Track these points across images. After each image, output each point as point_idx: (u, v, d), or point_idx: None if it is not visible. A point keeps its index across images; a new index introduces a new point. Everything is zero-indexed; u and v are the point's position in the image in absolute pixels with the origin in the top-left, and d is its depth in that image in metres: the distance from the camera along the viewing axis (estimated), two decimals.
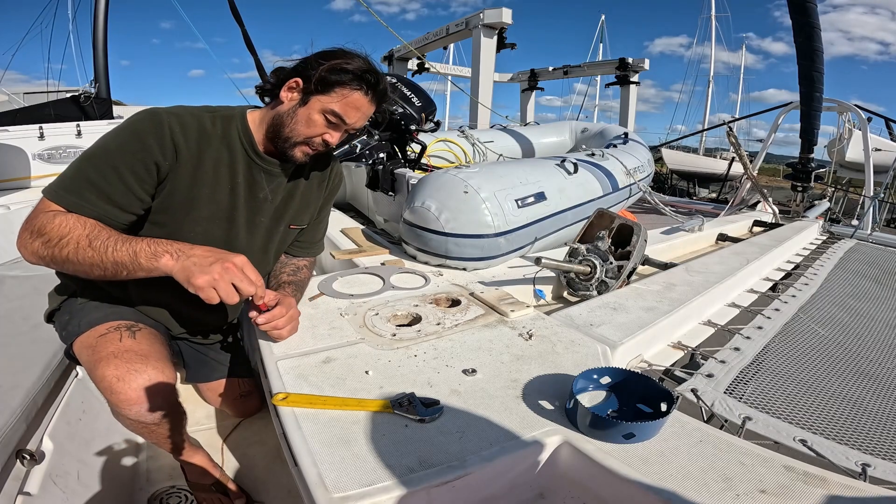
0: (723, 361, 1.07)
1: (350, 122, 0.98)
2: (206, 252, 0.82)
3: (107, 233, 0.83)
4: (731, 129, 2.61)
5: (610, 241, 1.47)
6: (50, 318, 1.09)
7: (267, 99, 1.03)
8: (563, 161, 2.03)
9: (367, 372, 0.86)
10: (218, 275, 0.79)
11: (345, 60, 0.94)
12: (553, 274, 1.50)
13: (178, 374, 1.27)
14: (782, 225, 2.63)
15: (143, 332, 0.98)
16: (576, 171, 2.02)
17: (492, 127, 4.39)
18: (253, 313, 0.90)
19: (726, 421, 0.86)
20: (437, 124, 2.61)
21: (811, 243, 2.46)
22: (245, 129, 1.01)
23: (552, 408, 0.78)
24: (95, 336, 0.94)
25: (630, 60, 6.65)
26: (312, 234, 1.24)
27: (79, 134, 3.09)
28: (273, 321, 0.91)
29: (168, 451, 1.07)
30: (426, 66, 7.45)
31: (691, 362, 1.12)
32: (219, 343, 1.26)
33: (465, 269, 1.50)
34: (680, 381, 1.00)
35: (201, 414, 1.43)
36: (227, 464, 1.29)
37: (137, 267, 0.81)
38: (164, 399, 0.92)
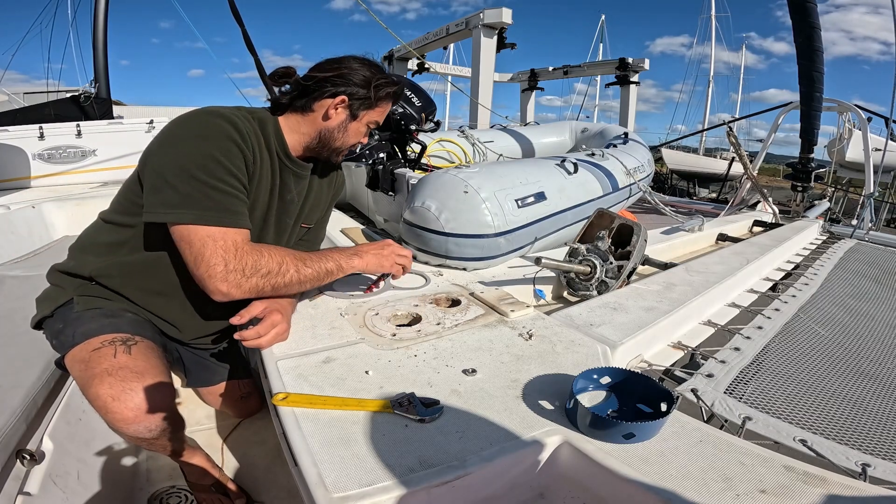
0: (723, 361, 1.07)
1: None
2: (372, 247, 1.12)
3: (302, 255, 0.98)
4: (731, 129, 2.61)
5: (610, 241, 1.47)
6: (39, 324, 1.04)
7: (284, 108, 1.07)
8: (563, 161, 2.03)
9: (367, 372, 0.86)
10: (395, 258, 1.13)
11: (385, 79, 1.07)
12: (553, 274, 1.50)
13: (180, 379, 1.27)
14: (782, 225, 2.63)
15: (140, 347, 0.94)
16: (576, 171, 2.02)
17: (492, 127, 4.39)
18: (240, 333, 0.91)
19: (726, 421, 0.86)
20: (437, 124, 2.61)
21: (811, 243, 2.46)
22: (278, 133, 1.05)
23: (552, 408, 0.78)
24: (89, 350, 0.90)
25: (630, 60, 6.64)
26: (316, 234, 1.28)
27: (79, 134, 3.09)
28: (258, 337, 0.91)
29: (167, 456, 1.06)
30: (426, 66, 7.45)
31: (691, 362, 1.12)
32: (218, 346, 1.25)
33: (465, 269, 1.50)
34: (680, 381, 1.00)
35: (201, 414, 1.43)
36: (227, 464, 1.29)
37: (341, 272, 1.04)
38: (161, 415, 0.89)
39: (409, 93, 2.40)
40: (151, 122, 3.18)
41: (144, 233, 0.98)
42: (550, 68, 7.55)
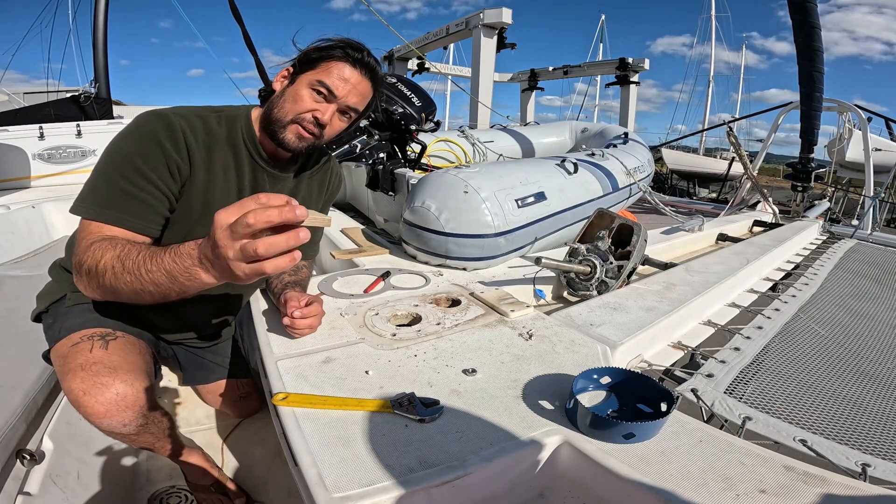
0: (723, 361, 1.07)
1: (340, 95, 0.95)
2: (215, 252, 0.62)
3: (136, 250, 0.74)
4: (731, 128, 2.61)
5: (610, 241, 1.47)
6: (38, 318, 1.07)
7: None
8: (563, 161, 2.03)
9: (367, 372, 0.86)
10: (250, 270, 0.60)
11: (327, 39, 0.96)
12: (553, 274, 1.50)
13: (177, 377, 1.27)
14: (782, 225, 2.63)
15: (118, 342, 0.93)
16: (576, 171, 2.02)
17: (492, 127, 4.39)
18: (287, 317, 0.94)
19: (726, 421, 0.86)
20: (437, 124, 2.61)
21: (811, 243, 2.46)
22: (249, 131, 1.00)
23: (552, 408, 0.78)
24: (69, 345, 0.91)
25: (630, 60, 6.65)
26: (312, 238, 1.25)
27: (79, 134, 3.09)
28: (308, 318, 0.94)
29: (162, 455, 1.06)
30: (426, 66, 7.45)
31: (691, 362, 1.12)
32: (215, 345, 1.25)
33: (465, 269, 1.50)
34: (680, 381, 1.00)
35: (201, 414, 1.43)
36: (227, 464, 1.29)
37: (181, 287, 0.69)
38: (135, 412, 0.87)
39: (409, 93, 2.41)
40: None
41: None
42: (550, 68, 7.56)
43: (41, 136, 2.97)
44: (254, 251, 0.57)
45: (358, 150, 2.40)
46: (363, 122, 2.44)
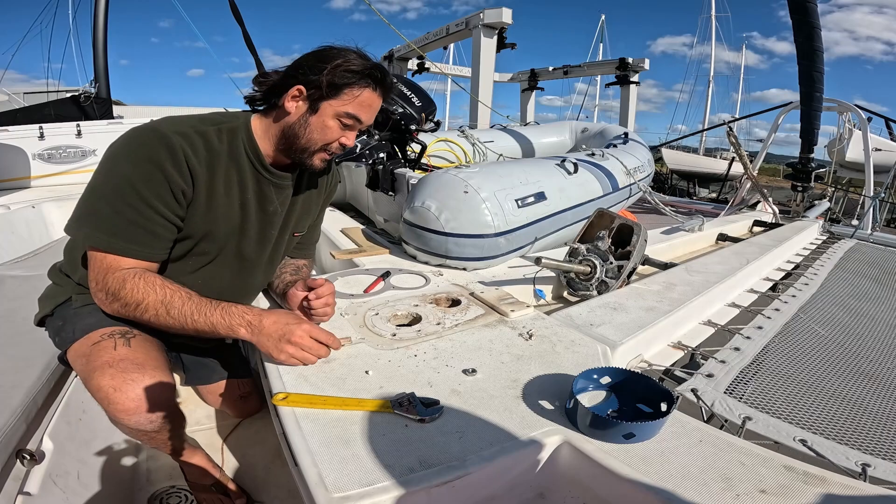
0: (723, 361, 1.07)
1: (365, 121, 0.98)
2: (275, 326, 0.87)
3: (179, 299, 0.88)
4: (731, 128, 2.61)
5: (610, 241, 1.47)
6: (41, 322, 1.06)
7: (260, 106, 1.00)
8: (564, 161, 2.03)
9: (367, 372, 0.86)
10: (293, 351, 0.87)
11: (345, 60, 0.92)
12: (553, 274, 1.50)
13: (179, 377, 1.27)
14: (782, 225, 2.63)
15: (139, 339, 0.94)
16: (576, 171, 2.02)
17: (492, 127, 4.39)
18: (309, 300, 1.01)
19: (726, 421, 0.86)
20: (438, 124, 2.61)
21: (811, 243, 2.46)
22: (251, 142, 0.99)
23: (552, 408, 0.78)
24: (89, 344, 0.91)
25: (630, 60, 6.65)
26: (310, 237, 1.26)
27: (79, 134, 3.09)
28: (324, 301, 1.00)
29: (167, 454, 1.06)
30: (426, 65, 7.45)
31: (691, 362, 1.12)
32: (217, 345, 1.25)
33: (465, 269, 1.50)
34: (680, 381, 1.00)
35: (201, 414, 1.43)
36: (227, 464, 1.29)
37: (217, 335, 0.89)
38: (162, 407, 0.89)
39: (409, 93, 2.40)
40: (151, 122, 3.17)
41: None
42: (550, 68, 7.56)
43: (41, 136, 2.97)
44: (298, 359, 0.88)
45: (358, 150, 2.39)
46: None
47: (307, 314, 1.03)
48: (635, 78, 6.76)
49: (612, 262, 1.43)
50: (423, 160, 2.61)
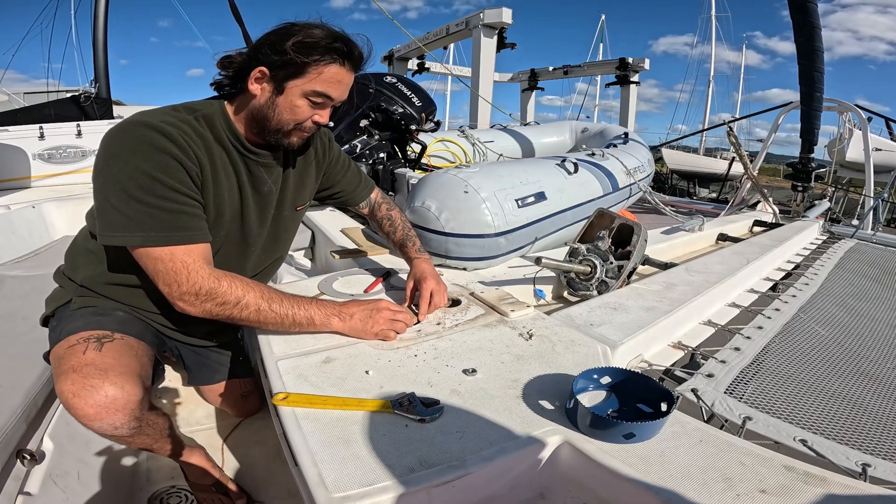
0: (723, 361, 1.07)
1: (336, 98, 0.95)
2: (363, 314, 0.97)
3: (277, 295, 0.92)
4: (731, 128, 2.61)
5: (610, 240, 1.47)
6: (46, 322, 1.07)
7: (228, 90, 0.99)
8: (564, 161, 2.03)
9: (367, 372, 0.86)
10: (384, 323, 0.97)
11: (306, 35, 0.88)
12: (553, 274, 1.50)
13: (181, 378, 1.27)
14: (782, 225, 2.63)
15: (114, 344, 0.91)
16: (576, 170, 2.02)
17: (492, 127, 4.39)
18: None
19: (726, 421, 0.86)
20: (438, 124, 2.62)
21: (811, 243, 2.45)
22: (230, 127, 0.98)
23: (552, 408, 0.78)
24: (65, 347, 0.89)
25: (630, 60, 6.65)
26: (351, 181, 1.29)
27: (79, 134, 3.09)
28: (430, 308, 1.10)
29: (163, 455, 1.06)
30: (426, 65, 7.45)
31: (691, 362, 1.12)
32: (219, 344, 1.25)
33: (465, 269, 1.50)
34: (680, 381, 1.00)
35: (201, 414, 1.43)
36: (227, 464, 1.29)
37: (313, 328, 0.96)
38: (126, 415, 0.84)
39: (409, 93, 2.41)
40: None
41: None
42: (550, 68, 7.57)
43: (41, 136, 2.98)
44: (387, 329, 0.99)
45: (358, 150, 2.39)
46: (363, 123, 2.45)
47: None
48: (635, 78, 6.77)
49: (612, 262, 1.43)
50: (423, 160, 2.61)
